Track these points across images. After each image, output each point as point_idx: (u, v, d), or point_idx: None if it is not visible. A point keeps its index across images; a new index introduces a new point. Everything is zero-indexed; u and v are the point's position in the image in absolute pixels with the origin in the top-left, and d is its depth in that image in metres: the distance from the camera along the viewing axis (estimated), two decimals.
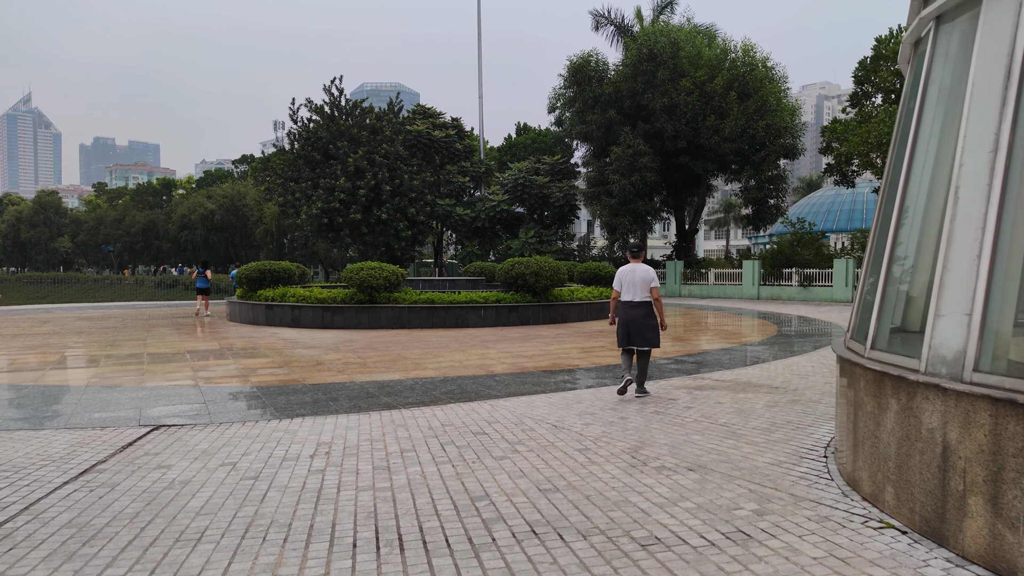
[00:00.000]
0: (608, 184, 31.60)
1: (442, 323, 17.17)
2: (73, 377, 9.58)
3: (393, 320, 17.12)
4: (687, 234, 34.86)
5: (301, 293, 18.19)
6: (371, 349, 12.85)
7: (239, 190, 58.15)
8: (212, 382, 9.17)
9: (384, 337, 15.01)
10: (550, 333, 15.70)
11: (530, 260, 18.18)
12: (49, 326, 18.23)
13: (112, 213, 76.60)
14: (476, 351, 12.45)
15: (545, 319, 18.06)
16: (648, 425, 6.41)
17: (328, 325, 17.36)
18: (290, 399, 8.00)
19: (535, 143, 46.07)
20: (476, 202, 36.91)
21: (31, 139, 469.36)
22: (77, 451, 5.70)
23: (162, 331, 16.62)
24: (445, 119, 38.28)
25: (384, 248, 36.35)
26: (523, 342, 13.90)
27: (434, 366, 10.57)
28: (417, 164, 35.68)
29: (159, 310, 25.52)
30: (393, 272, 17.54)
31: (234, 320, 19.64)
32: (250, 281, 19.28)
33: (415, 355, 11.92)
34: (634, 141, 30.25)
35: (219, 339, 14.77)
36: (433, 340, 14.35)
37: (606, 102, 31.35)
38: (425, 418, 6.91)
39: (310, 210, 33.18)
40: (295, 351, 12.63)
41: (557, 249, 35.18)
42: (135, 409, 7.39)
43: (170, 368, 10.43)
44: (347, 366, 10.65)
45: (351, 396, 8.14)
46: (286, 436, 6.21)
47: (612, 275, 21.88)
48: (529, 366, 10.54)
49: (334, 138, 34.50)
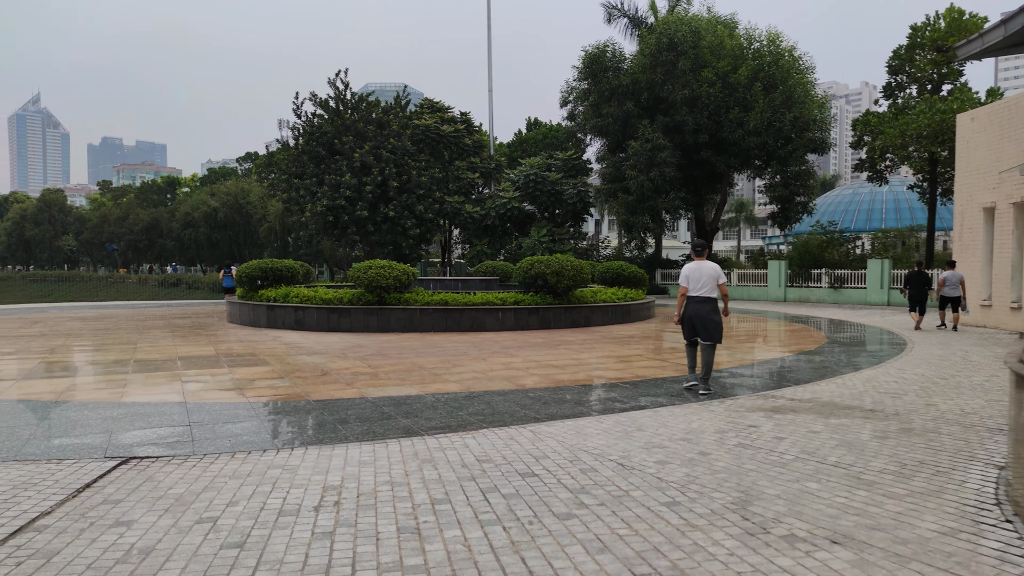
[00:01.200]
0: (625, 180, 30.29)
1: (457, 326, 15.91)
2: (43, 389, 8.35)
3: (404, 323, 15.87)
4: (707, 232, 33.50)
5: (305, 293, 16.95)
6: (382, 356, 11.60)
7: (243, 187, 57.01)
8: (201, 397, 7.92)
9: (395, 342, 13.76)
10: (576, 339, 14.41)
11: (550, 259, 16.91)
12: (38, 327, 17.04)
13: (116, 211, 75.64)
14: (499, 359, 11.18)
15: (567, 322, 16.78)
16: (740, 465, 5.12)
17: (334, 328, 16.12)
18: (291, 421, 6.75)
19: (546, 138, 44.76)
20: (486, 199, 35.67)
21: (40, 139, 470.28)
22: (17, 496, 4.44)
23: (156, 334, 15.40)
24: (454, 113, 37.07)
25: (391, 247, 35.13)
26: (549, 349, 12.62)
27: (455, 378, 9.31)
28: (425, 160, 34.44)
29: (157, 310, 24.34)
30: (404, 271, 16.29)
31: (234, 322, 18.42)
32: (251, 280, 18.05)
33: (432, 364, 10.65)
34: (653, 135, 28.93)
35: (216, 343, 13.54)
36: (449, 346, 13.09)
37: (623, 94, 30.01)
38: (455, 450, 5.63)
39: (315, 207, 31.97)
40: (298, 358, 11.38)
41: (570, 248, 33.90)
42: (104, 434, 6.14)
43: (156, 379, 9.19)
44: (356, 377, 9.39)
45: (363, 417, 6.88)
46: (284, 475, 4.94)
47: (637, 276, 20.59)
48: (564, 379, 9.26)
49: (339, 133, 33.29)
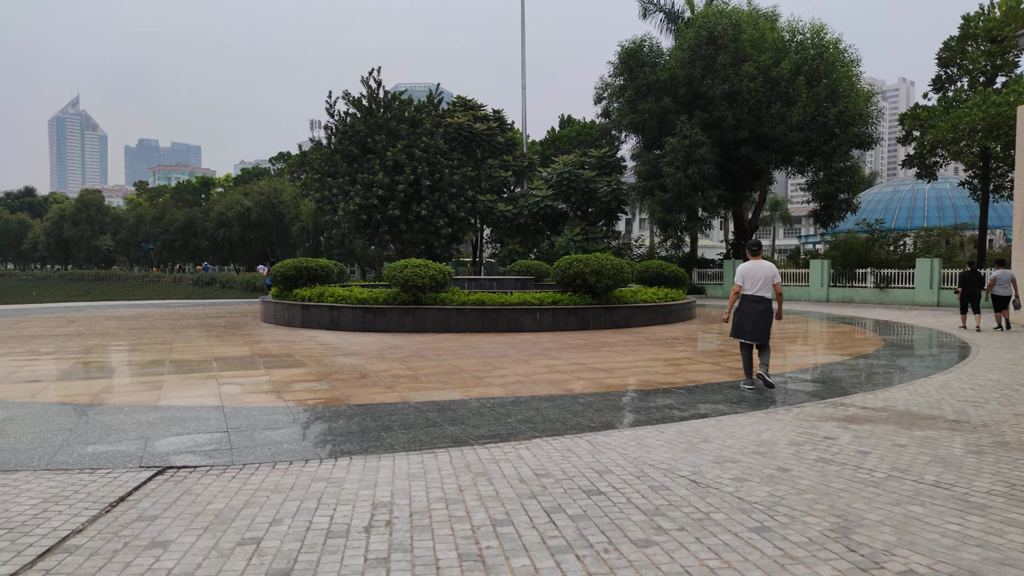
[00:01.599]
0: (661, 178, 29.65)
1: (493, 327, 15.53)
2: (78, 391, 8.15)
3: (440, 323, 15.55)
4: (746, 231, 32.67)
5: (340, 293, 16.72)
6: (420, 357, 11.26)
7: (275, 187, 57.42)
8: (239, 400, 7.64)
9: (432, 343, 13.42)
10: (618, 340, 13.93)
11: (589, 258, 16.44)
12: (75, 326, 17.08)
13: (152, 211, 76.91)
14: (541, 362, 10.76)
15: (607, 323, 16.29)
16: (827, 483, 4.63)
17: (369, 328, 15.86)
18: (332, 427, 6.41)
19: (580, 136, 44.21)
20: (518, 198, 35.27)
21: (79, 141, 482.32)
22: (47, 512, 4.15)
23: (191, 333, 15.29)
24: (486, 111, 36.74)
25: (423, 246, 34.92)
26: (591, 351, 12.17)
27: (499, 381, 8.91)
28: (458, 158, 34.16)
29: (192, 310, 24.40)
30: (439, 271, 15.97)
31: (268, 321, 18.28)
32: (285, 279, 17.89)
33: (472, 366, 10.28)
34: (691, 131, 28.24)
35: (251, 343, 13.34)
36: (487, 347, 12.71)
37: (660, 89, 29.37)
38: (509, 462, 5.23)
39: (347, 206, 31.89)
40: (335, 359, 11.10)
41: (603, 247, 33.33)
42: (140, 440, 5.87)
43: (192, 381, 8.95)
44: (396, 380, 9.05)
45: (407, 423, 6.52)
46: (330, 490, 4.59)
47: (677, 275, 20.02)
48: (612, 383, 8.81)
49: (372, 131, 33.17)
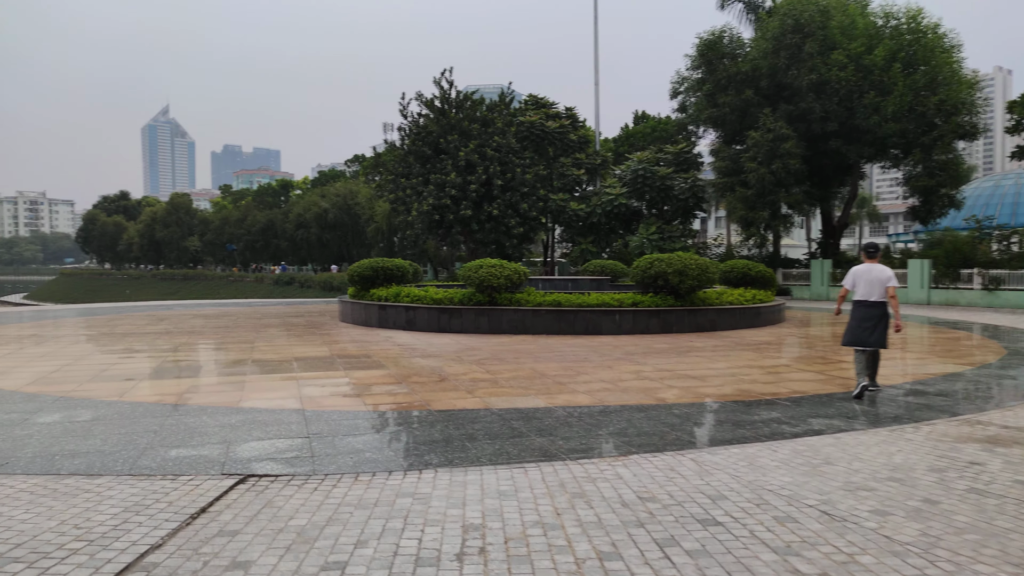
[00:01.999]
0: (743, 173, 28.41)
1: (571, 329, 15.04)
2: (164, 391, 8.17)
3: (515, 324, 15.18)
4: (834, 229, 30.98)
5: (416, 293, 16.61)
6: (498, 360, 10.91)
7: (351, 189, 58.66)
8: (319, 403, 7.46)
9: (508, 345, 13.07)
10: (704, 344, 13.21)
11: (671, 257, 15.73)
12: (164, 324, 17.62)
13: (236, 213, 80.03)
14: (625, 367, 10.22)
15: (691, 326, 15.55)
16: (989, 521, 3.96)
17: (444, 328, 15.66)
18: (414, 434, 6.11)
19: (655, 132, 43.09)
20: (591, 196, 34.62)
21: (169, 147, 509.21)
22: (128, 523, 3.96)
23: (272, 332, 15.48)
24: (558, 109, 36.24)
25: (494, 245, 34.76)
26: (677, 356, 11.53)
27: (583, 388, 8.45)
28: (529, 157, 33.82)
29: (273, 308, 24.94)
30: (515, 271, 15.61)
31: (345, 321, 18.39)
32: (363, 279, 17.94)
33: (553, 370, 9.84)
34: (775, 124, 26.93)
35: (330, 343, 13.33)
36: (566, 350, 12.25)
37: (742, 82, 28.14)
38: (607, 481, 4.77)
39: (420, 207, 32.06)
40: (412, 360, 10.88)
41: (681, 246, 32.27)
42: (222, 444, 5.71)
43: (274, 382, 8.87)
44: (476, 384, 8.71)
45: (491, 432, 6.14)
46: (416, 507, 4.24)
47: (764, 276, 19.02)
48: (708, 392, 8.20)
49: (444, 132, 33.24)
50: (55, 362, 10.60)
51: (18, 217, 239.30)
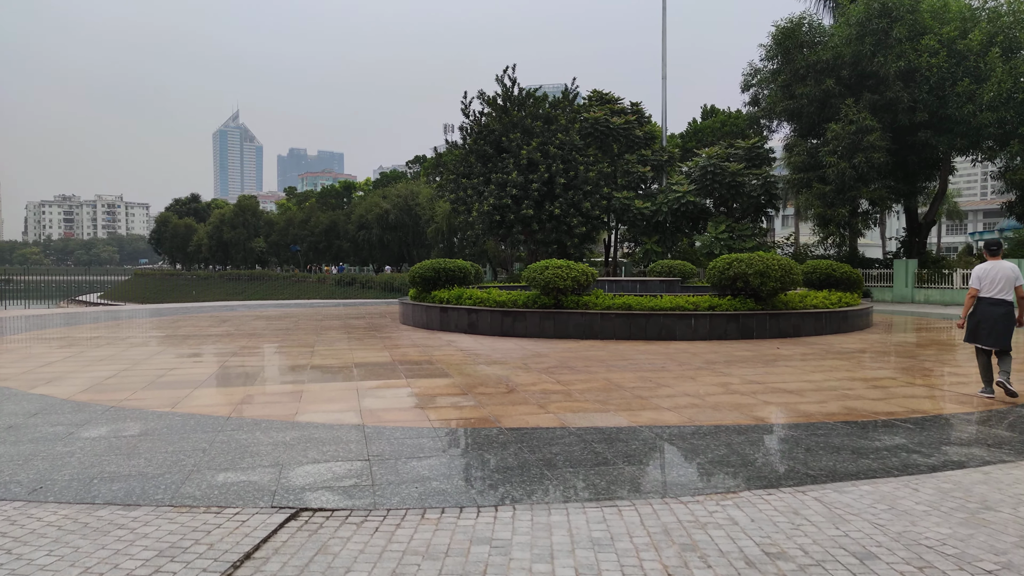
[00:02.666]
0: (821, 168, 26.81)
1: (642, 334, 14.15)
2: (219, 401, 7.73)
3: (583, 329, 14.38)
4: (919, 227, 28.94)
5: (478, 295, 16.00)
6: (568, 369, 10.15)
7: (412, 190, 58.84)
8: (380, 418, 6.86)
9: (577, 351, 12.29)
10: (792, 352, 12.13)
11: (752, 257, 14.64)
12: (226, 326, 17.54)
13: (300, 215, 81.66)
14: (709, 378, 9.31)
15: (773, 331, 14.42)
16: None
17: (508, 332, 14.99)
18: (485, 459, 5.41)
19: (724, 127, 41.45)
20: (657, 194, 33.44)
21: (238, 152, 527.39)
22: (160, 572, 3.38)
23: (332, 335, 15.12)
24: (623, 104, 35.18)
25: (556, 245, 33.99)
26: (764, 366, 10.52)
27: (667, 403, 7.61)
28: (593, 154, 32.90)
29: (333, 310, 24.82)
30: (582, 272, 14.81)
31: (406, 323, 17.94)
32: (424, 281, 17.45)
33: (630, 382, 9.02)
34: (858, 115, 25.24)
35: (390, 347, 12.83)
36: (640, 358, 11.39)
37: (821, 71, 26.49)
38: (721, 528, 3.96)
39: (481, 207, 31.55)
40: (477, 368, 10.23)
41: (753, 246, 30.79)
42: (274, 468, 5.14)
43: (332, 391, 8.35)
44: (547, 396, 7.98)
45: (572, 458, 5.40)
46: (495, 560, 3.53)
47: (850, 277, 17.66)
48: (810, 411, 7.24)
49: (507, 130, 32.65)
50: (113, 366, 10.40)
51: (96, 220, 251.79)
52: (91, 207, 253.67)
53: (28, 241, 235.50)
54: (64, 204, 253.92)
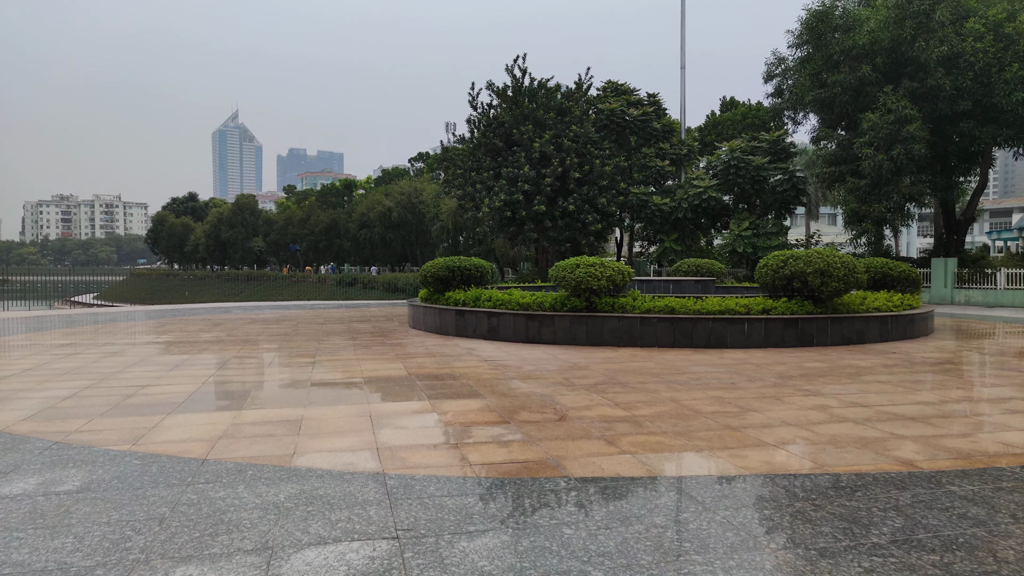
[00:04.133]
0: (857, 161, 25.15)
1: (687, 341, 12.48)
2: (194, 434, 6.06)
3: (620, 335, 12.72)
4: (957, 224, 27.27)
5: (498, 297, 14.33)
6: (619, 385, 8.49)
7: (415, 186, 57.13)
8: (404, 460, 5.19)
9: (620, 361, 10.63)
10: (869, 363, 10.46)
11: (810, 254, 12.97)
12: (217, 331, 15.88)
13: (299, 213, 79.97)
14: (798, 399, 7.65)
15: (835, 338, 12.75)
16: None
17: (533, 339, 13.33)
18: (567, 540, 3.72)
19: (745, 119, 39.77)
20: (676, 189, 31.79)
21: (237, 151, 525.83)
22: None
23: (335, 341, 13.46)
24: (640, 95, 33.51)
25: (569, 243, 32.35)
26: (850, 381, 8.86)
27: (769, 436, 5.94)
28: (609, 147, 31.24)
29: (336, 312, 23.14)
30: (618, 271, 13.16)
31: (417, 327, 16.27)
32: (437, 281, 15.77)
33: (703, 403, 7.36)
34: (897, 104, 23.58)
35: (403, 357, 11.16)
36: (698, 371, 9.73)
37: (857, 57, 24.81)
38: None
39: (492, 202, 29.88)
40: (511, 384, 8.57)
41: (779, 244, 29.16)
42: (261, 556, 3.46)
43: (339, 418, 6.68)
44: (611, 427, 6.32)
45: (701, 538, 3.71)
46: None
47: (908, 276, 16.01)
48: (963, 448, 5.57)
49: (517, 122, 31.01)
50: (76, 382, 8.73)
51: (94, 220, 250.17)
52: (89, 207, 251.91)
53: (25, 241, 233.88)
54: (62, 204, 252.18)
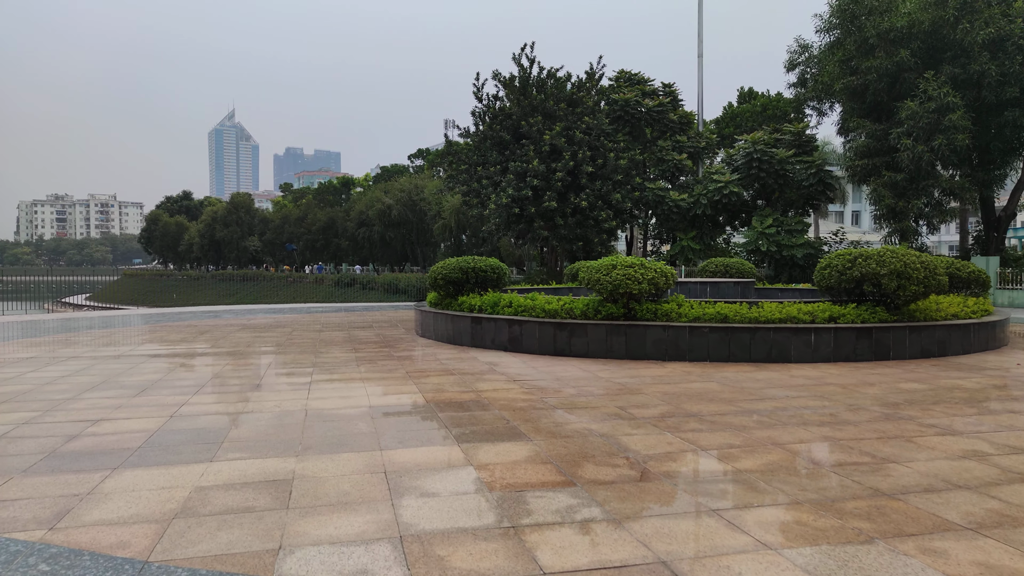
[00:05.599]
0: (893, 153, 23.47)
1: (745, 354, 10.76)
2: (141, 509, 4.32)
3: (666, 346, 10.99)
4: (998, 221, 25.61)
5: (520, 302, 12.59)
6: (692, 419, 6.78)
7: (416, 183, 55.30)
8: (442, 565, 3.46)
9: (675, 381, 8.92)
10: (977, 384, 8.75)
11: (883, 252, 11.25)
12: (202, 341, 14.14)
13: (296, 212, 78.12)
14: (932, 439, 5.94)
15: (914, 350, 11.03)
16: None
17: (562, 351, 11.61)
18: None
19: (766, 111, 38.05)
20: (694, 184, 30.06)
21: (234, 151, 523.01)
22: None
23: (335, 355, 11.72)
24: (654, 86, 31.75)
25: (581, 242, 30.57)
26: (975, 411, 7.16)
27: (950, 509, 4.23)
28: (624, 140, 29.49)
29: (335, 316, 21.40)
30: (661, 272, 11.43)
31: (426, 335, 14.53)
32: (448, 283, 14.01)
33: (819, 451, 5.66)
34: (939, 91, 21.88)
35: (416, 376, 9.43)
36: (776, 395, 8.02)
37: (894, 41, 23.11)
38: None
39: (499, 199, 28.09)
40: (556, 417, 6.85)
41: (804, 242, 27.48)
42: None
43: (342, 475, 4.95)
44: (716, 489, 4.61)
45: None
46: None
47: (977, 277, 14.31)
48: None
49: (526, 114, 29.21)
50: (14, 414, 6.98)
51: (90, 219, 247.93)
52: (84, 206, 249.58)
53: (20, 241, 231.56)
54: (57, 203, 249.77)
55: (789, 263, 27.32)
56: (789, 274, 27.47)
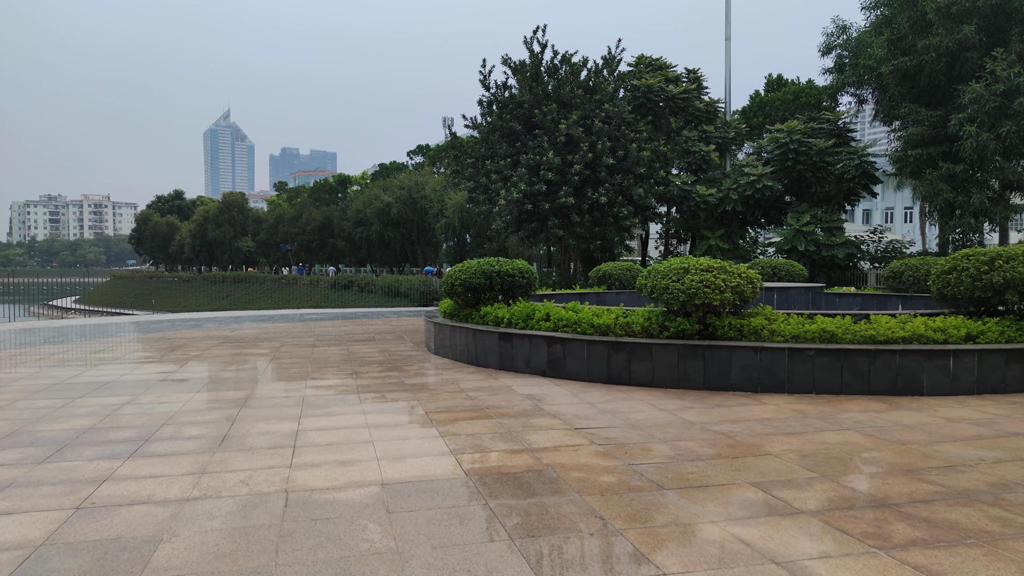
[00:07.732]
0: (951, 142, 21.09)
1: (862, 385, 8.32)
2: None
3: (758, 374, 8.56)
4: None
5: (561, 315, 10.13)
6: (889, 511, 4.37)
7: (416, 181, 52.78)
8: None
9: (800, 431, 6.51)
10: None
11: None
12: (171, 359, 11.68)
13: (290, 211, 75.51)
14: None
15: None
16: None
17: (618, 377, 9.18)
18: None
19: (797, 99, 35.63)
20: (723, 178, 27.64)
21: (229, 151, 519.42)
22: None
23: (332, 383, 9.26)
24: (677, 71, 29.31)
25: (599, 241, 28.12)
26: None
27: None
28: (646, 129, 27.05)
29: (331, 326, 18.92)
30: (747, 279, 8.99)
31: (441, 352, 12.07)
32: (468, 291, 11.49)
33: None
34: (1008, 71, 19.50)
35: (437, 418, 6.99)
36: (963, 455, 5.62)
37: (956, 17, 20.70)
38: None
39: (509, 194, 25.63)
40: (674, 511, 4.41)
41: (844, 241, 25.10)
42: None
43: None
44: None
45: None
46: None
47: None
48: None
49: (539, 102, 26.76)
50: None
51: (83, 220, 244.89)
52: (77, 207, 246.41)
53: (12, 242, 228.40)
54: (50, 204, 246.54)
55: (828, 264, 24.93)
56: (828, 276, 25.08)
